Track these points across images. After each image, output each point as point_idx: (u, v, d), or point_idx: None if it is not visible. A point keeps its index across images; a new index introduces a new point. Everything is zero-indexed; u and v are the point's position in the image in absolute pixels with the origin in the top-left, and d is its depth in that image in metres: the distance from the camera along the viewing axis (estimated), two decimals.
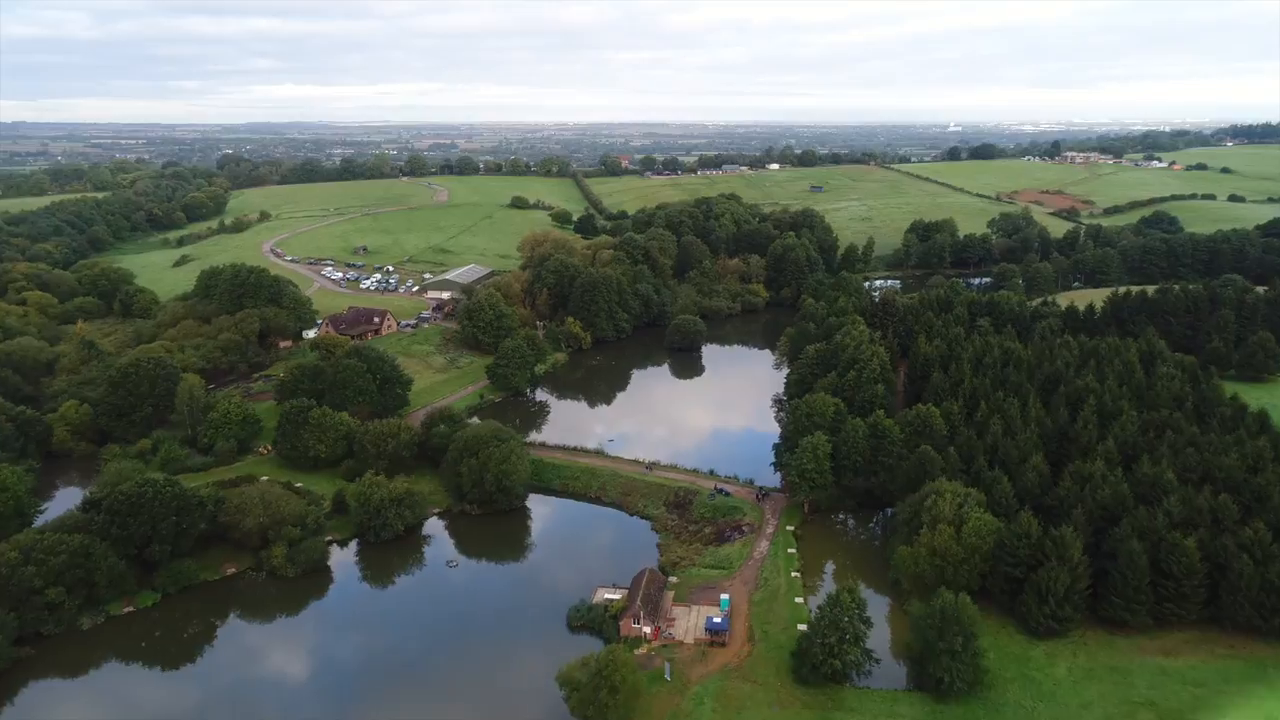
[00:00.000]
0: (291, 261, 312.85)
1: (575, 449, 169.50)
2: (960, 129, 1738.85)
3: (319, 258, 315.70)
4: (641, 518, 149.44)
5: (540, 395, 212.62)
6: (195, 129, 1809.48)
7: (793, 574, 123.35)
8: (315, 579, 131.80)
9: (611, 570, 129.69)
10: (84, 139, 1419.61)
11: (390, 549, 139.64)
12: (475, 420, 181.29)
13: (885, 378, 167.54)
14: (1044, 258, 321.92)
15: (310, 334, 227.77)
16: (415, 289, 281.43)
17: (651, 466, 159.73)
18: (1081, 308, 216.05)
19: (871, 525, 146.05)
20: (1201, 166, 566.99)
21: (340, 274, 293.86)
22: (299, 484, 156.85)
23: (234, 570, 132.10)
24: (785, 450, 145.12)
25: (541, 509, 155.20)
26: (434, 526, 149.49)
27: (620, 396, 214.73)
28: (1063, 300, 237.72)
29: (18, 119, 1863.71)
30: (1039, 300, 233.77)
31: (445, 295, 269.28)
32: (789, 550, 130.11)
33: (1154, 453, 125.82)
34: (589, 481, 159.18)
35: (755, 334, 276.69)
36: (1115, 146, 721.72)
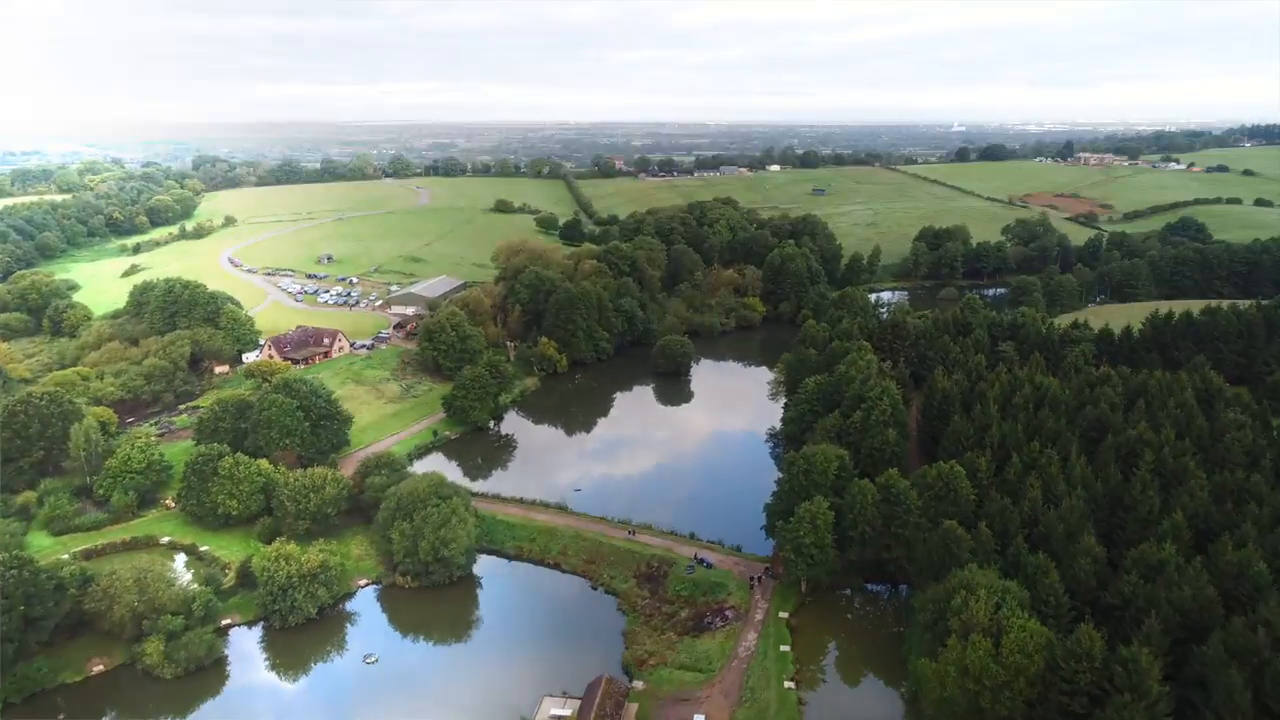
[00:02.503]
0: (248, 272, 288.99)
1: (534, 503, 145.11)
2: (964, 129, 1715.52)
3: (278, 268, 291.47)
4: (607, 591, 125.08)
5: (506, 426, 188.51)
6: (198, 128, 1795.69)
7: (786, 684, 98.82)
8: (203, 678, 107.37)
9: (566, 666, 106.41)
10: (81, 138, 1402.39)
11: (303, 635, 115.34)
12: (416, 470, 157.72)
13: (897, 419, 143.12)
14: (1065, 269, 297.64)
15: (251, 357, 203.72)
16: (378, 303, 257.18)
17: (634, 531, 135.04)
18: (1116, 330, 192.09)
19: (883, 602, 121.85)
20: (1222, 168, 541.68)
21: (298, 286, 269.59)
22: (204, 546, 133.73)
23: (103, 668, 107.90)
24: (778, 516, 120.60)
25: (491, 578, 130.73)
26: (363, 601, 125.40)
27: (594, 430, 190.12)
28: (1092, 319, 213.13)
29: (19, 118, 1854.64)
30: (1069, 321, 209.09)
31: (409, 311, 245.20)
32: (782, 648, 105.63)
33: (1235, 531, 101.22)
34: (548, 544, 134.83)
35: (751, 353, 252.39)
36: (1130, 147, 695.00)
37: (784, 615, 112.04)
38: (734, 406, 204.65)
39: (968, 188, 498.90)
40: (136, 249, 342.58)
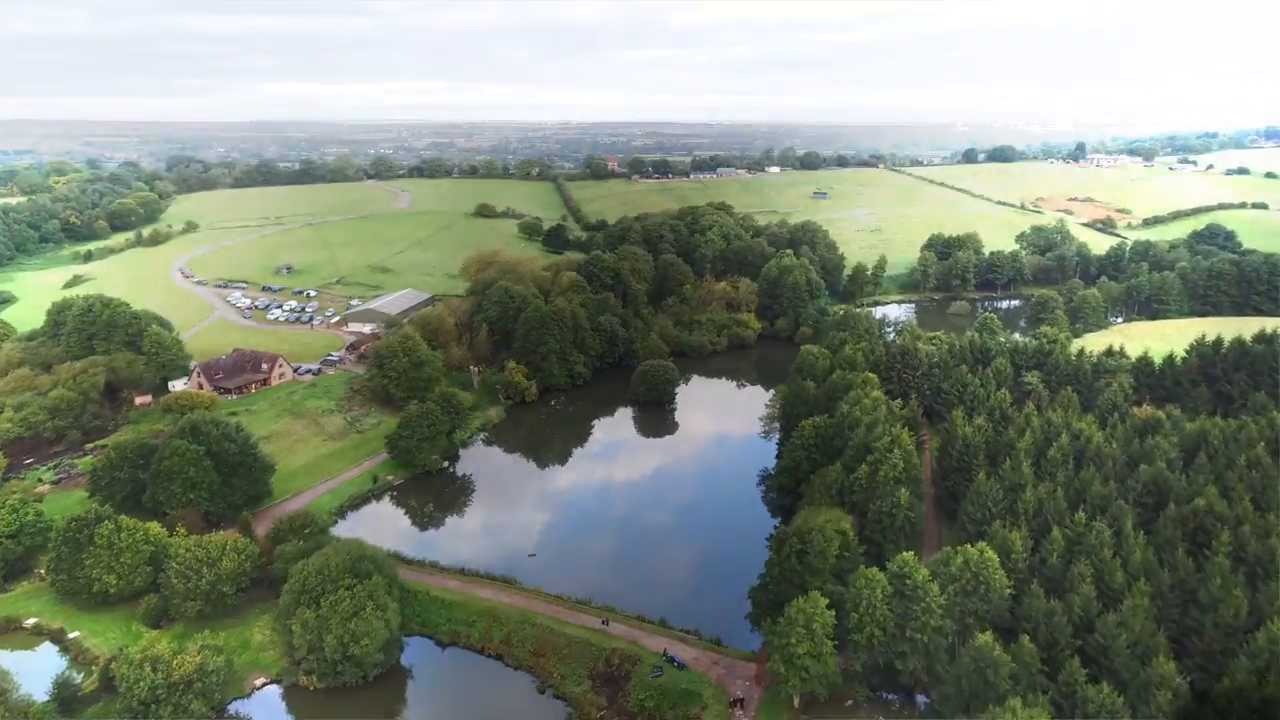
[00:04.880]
0: (198, 284, 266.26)
1: (477, 574, 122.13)
2: (968, 129, 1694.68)
3: (231, 279, 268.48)
4: (556, 695, 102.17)
5: (463, 465, 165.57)
6: (196, 127, 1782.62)
7: None
8: None
9: None
10: (78, 137, 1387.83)
11: None
12: (349, 526, 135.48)
13: (910, 474, 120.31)
14: (1085, 280, 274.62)
15: (180, 385, 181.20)
16: (335, 319, 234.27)
17: (608, 620, 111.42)
18: (1153, 355, 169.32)
19: (895, 709, 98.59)
20: (1243, 171, 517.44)
21: (249, 300, 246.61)
22: (75, 631, 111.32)
23: None
24: (766, 609, 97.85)
25: (419, 673, 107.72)
26: (259, 705, 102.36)
27: (560, 473, 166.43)
28: (1122, 341, 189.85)
29: (19, 117, 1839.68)
30: (1098, 344, 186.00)
31: (367, 329, 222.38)
32: None
33: None
34: (490, 630, 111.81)
35: (744, 374, 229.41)
36: (1143, 149, 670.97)
37: None
38: (723, 442, 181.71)
39: (977, 191, 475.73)
40: (88, 257, 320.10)
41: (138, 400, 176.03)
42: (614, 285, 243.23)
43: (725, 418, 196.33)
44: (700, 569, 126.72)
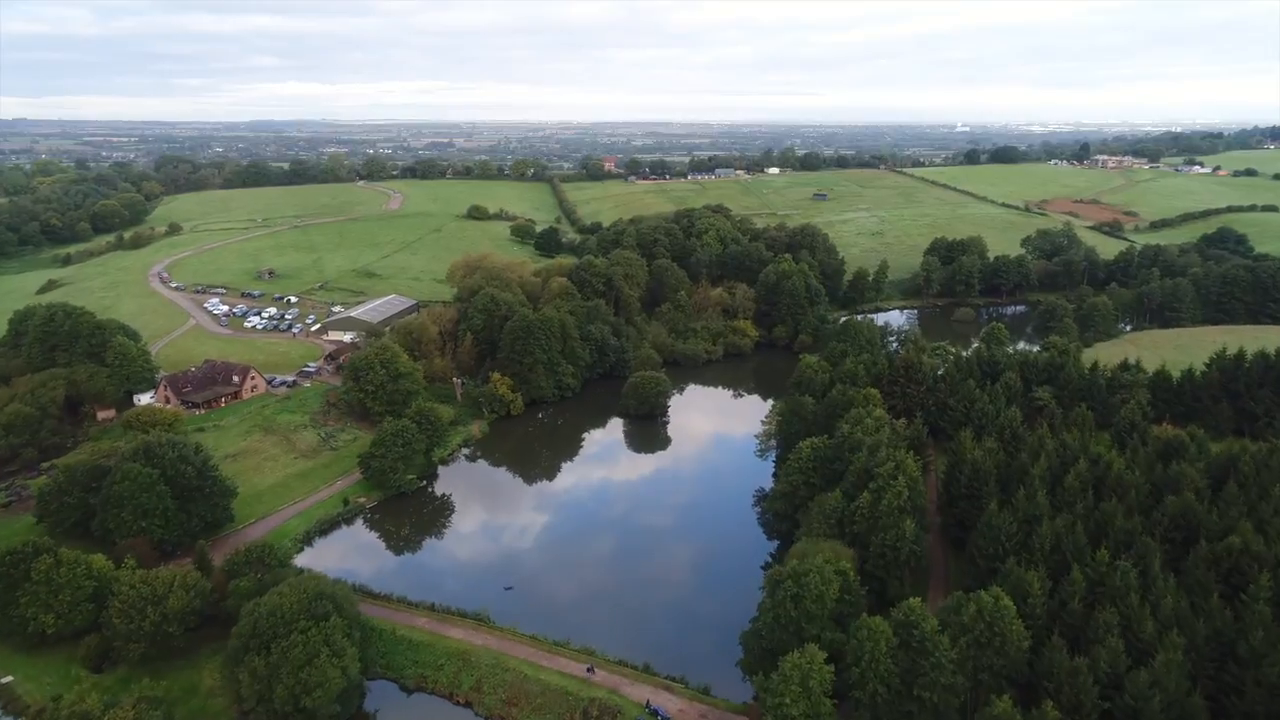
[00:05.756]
0: (176, 289, 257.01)
1: (448, 610, 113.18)
2: (968, 129, 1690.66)
3: (210, 285, 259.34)
4: None
5: (442, 484, 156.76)
6: (196, 126, 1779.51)
7: None
8: None
9: None
10: (76, 136, 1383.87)
11: None
12: (315, 554, 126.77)
13: (915, 502, 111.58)
14: (1097, 287, 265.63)
15: (145, 399, 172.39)
16: (315, 327, 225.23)
17: (593, 669, 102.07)
18: (1171, 369, 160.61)
19: None
20: (1250, 172, 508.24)
21: (226, 307, 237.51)
22: (9, 676, 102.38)
23: None
24: (758, 658, 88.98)
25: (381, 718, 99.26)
26: None
27: (543, 494, 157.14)
28: (1135, 351, 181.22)
29: (18, 116, 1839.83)
30: (1110, 354, 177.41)
31: (347, 338, 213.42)
32: None
33: None
34: (459, 674, 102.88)
35: (741, 382, 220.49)
36: (1148, 149, 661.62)
37: None
38: (717, 458, 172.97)
39: (979, 193, 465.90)
40: (66, 260, 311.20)
41: (100, 415, 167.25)
42: (606, 292, 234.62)
43: (720, 431, 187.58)
44: (690, 601, 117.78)
